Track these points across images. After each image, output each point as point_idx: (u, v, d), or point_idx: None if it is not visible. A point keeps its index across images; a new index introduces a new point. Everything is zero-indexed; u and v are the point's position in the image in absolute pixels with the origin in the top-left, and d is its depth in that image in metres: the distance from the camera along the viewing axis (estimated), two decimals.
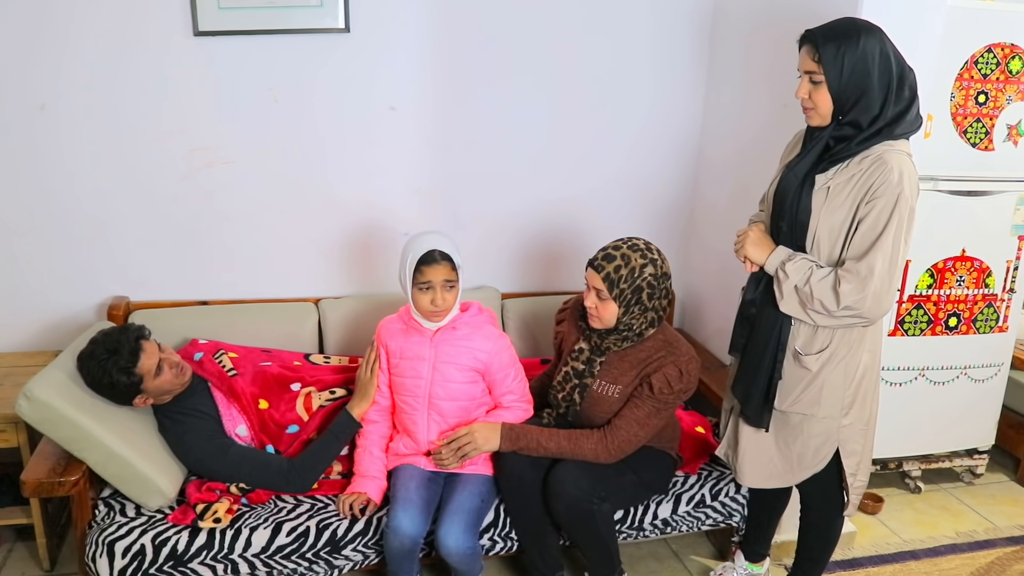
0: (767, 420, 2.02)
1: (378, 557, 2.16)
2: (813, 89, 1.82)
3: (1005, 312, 2.89)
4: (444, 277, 2.09)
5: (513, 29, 2.77)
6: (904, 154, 1.80)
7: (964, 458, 3.10)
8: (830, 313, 1.83)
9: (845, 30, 1.78)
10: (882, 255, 1.77)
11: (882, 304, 1.81)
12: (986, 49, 2.57)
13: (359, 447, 2.25)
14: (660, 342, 2.14)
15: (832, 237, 1.85)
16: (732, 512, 2.41)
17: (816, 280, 1.83)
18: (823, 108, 1.82)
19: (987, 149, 2.68)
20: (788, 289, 1.88)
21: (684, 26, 2.91)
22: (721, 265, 2.93)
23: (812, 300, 1.84)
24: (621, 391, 2.14)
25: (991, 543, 2.76)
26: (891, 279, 1.80)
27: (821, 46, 1.77)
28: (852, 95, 1.78)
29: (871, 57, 1.75)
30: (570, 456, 2.12)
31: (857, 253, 1.81)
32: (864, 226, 1.80)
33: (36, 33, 2.44)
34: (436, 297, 2.09)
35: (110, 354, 2.07)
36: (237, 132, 2.66)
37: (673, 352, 2.12)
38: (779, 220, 1.94)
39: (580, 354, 2.20)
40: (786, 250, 1.91)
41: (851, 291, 1.79)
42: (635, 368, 2.12)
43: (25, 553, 2.48)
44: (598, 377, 2.16)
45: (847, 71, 1.76)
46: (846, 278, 1.80)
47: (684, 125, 3.03)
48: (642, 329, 2.09)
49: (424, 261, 2.07)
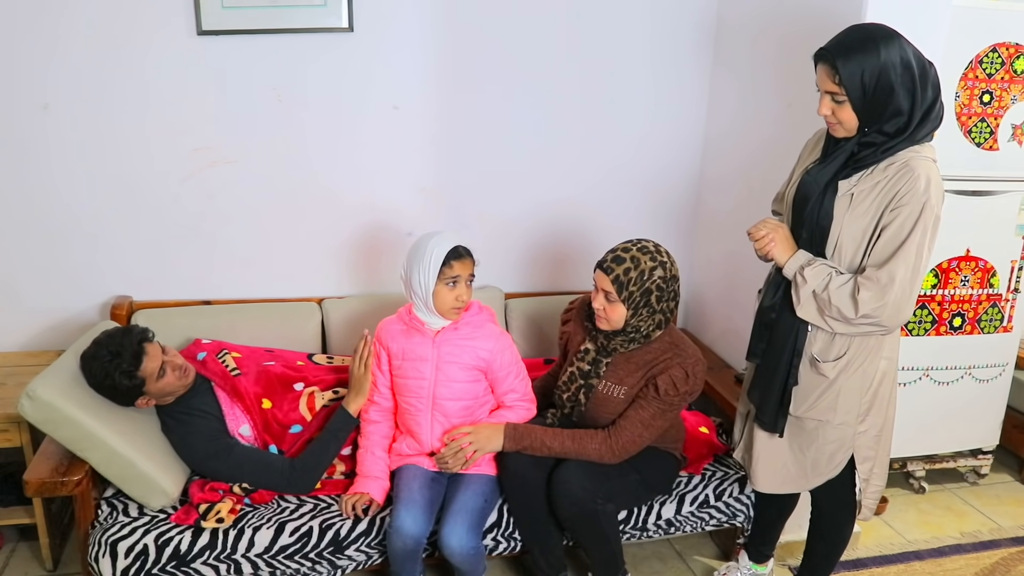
0: (782, 425, 2.01)
1: (381, 557, 2.16)
2: (836, 107, 1.77)
3: (1009, 312, 2.88)
4: (470, 272, 2.13)
5: (517, 29, 2.77)
6: (930, 160, 1.77)
7: (968, 458, 3.10)
8: (848, 321, 1.81)
9: (862, 44, 1.71)
10: (904, 263, 1.74)
11: (902, 313, 1.78)
12: (991, 49, 2.57)
13: (361, 448, 2.25)
14: (667, 344, 2.13)
15: (855, 244, 1.82)
16: (736, 512, 2.40)
17: (835, 287, 1.81)
18: (849, 124, 1.78)
19: (992, 149, 2.67)
20: (806, 294, 1.85)
21: (688, 25, 2.90)
22: (726, 266, 2.93)
23: (830, 307, 1.81)
24: (627, 392, 2.13)
25: (996, 543, 2.75)
26: (912, 288, 1.77)
27: (841, 66, 1.71)
28: (878, 109, 1.73)
29: (892, 68, 1.69)
30: (574, 456, 2.11)
31: (879, 260, 1.78)
32: (888, 233, 1.76)
33: (39, 32, 2.44)
34: (462, 293, 2.11)
35: (113, 356, 2.07)
36: (240, 132, 2.66)
37: (680, 354, 2.11)
38: (799, 227, 1.91)
39: (586, 355, 2.20)
40: (806, 254, 1.88)
41: (870, 299, 1.76)
42: (641, 369, 2.12)
43: (28, 553, 2.48)
44: (604, 378, 2.16)
45: (870, 88, 1.71)
46: (866, 286, 1.77)
47: (689, 125, 3.03)
48: (649, 331, 2.09)
49: (454, 256, 2.09)
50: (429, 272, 2.08)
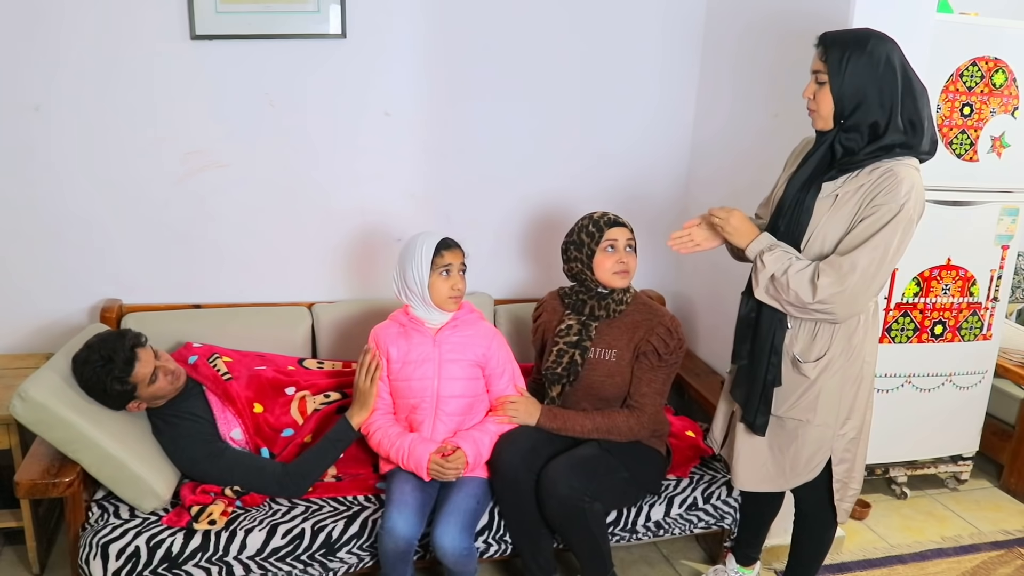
0: (763, 425, 2.04)
1: (372, 560, 2.17)
2: (818, 89, 1.85)
3: (989, 320, 2.94)
4: (461, 261, 2.20)
5: (507, 36, 2.80)
6: (913, 168, 1.83)
7: (949, 464, 3.15)
8: (804, 306, 1.85)
9: (856, 36, 1.82)
10: (869, 254, 1.79)
11: (857, 303, 1.83)
12: (971, 62, 2.63)
13: (382, 439, 2.19)
14: (640, 306, 2.31)
15: (831, 243, 1.87)
16: (724, 515, 2.43)
17: (794, 272, 1.85)
18: (824, 110, 1.85)
19: (972, 160, 2.74)
20: (764, 278, 1.90)
21: (677, 35, 2.95)
22: (713, 272, 2.96)
23: (788, 291, 1.86)
24: (617, 355, 2.25)
25: (976, 547, 2.80)
26: (873, 281, 1.81)
27: (829, 47, 1.81)
28: (851, 99, 1.81)
29: (876, 64, 1.78)
30: (605, 432, 2.23)
31: (844, 249, 1.83)
32: (861, 226, 1.81)
33: (31, 34, 2.45)
34: (456, 282, 2.17)
35: (105, 361, 2.06)
36: (232, 136, 2.67)
37: (654, 313, 2.29)
38: (778, 220, 1.96)
39: (569, 330, 2.29)
40: (769, 238, 1.93)
41: (829, 284, 1.81)
42: (626, 333, 2.26)
43: (14, 557, 2.46)
44: (594, 343, 2.26)
45: (849, 74, 1.79)
46: (826, 272, 1.81)
47: (676, 132, 3.07)
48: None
49: (444, 246, 2.17)
50: (422, 265, 2.13)
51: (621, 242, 2.24)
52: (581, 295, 2.30)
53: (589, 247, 2.24)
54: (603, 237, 2.22)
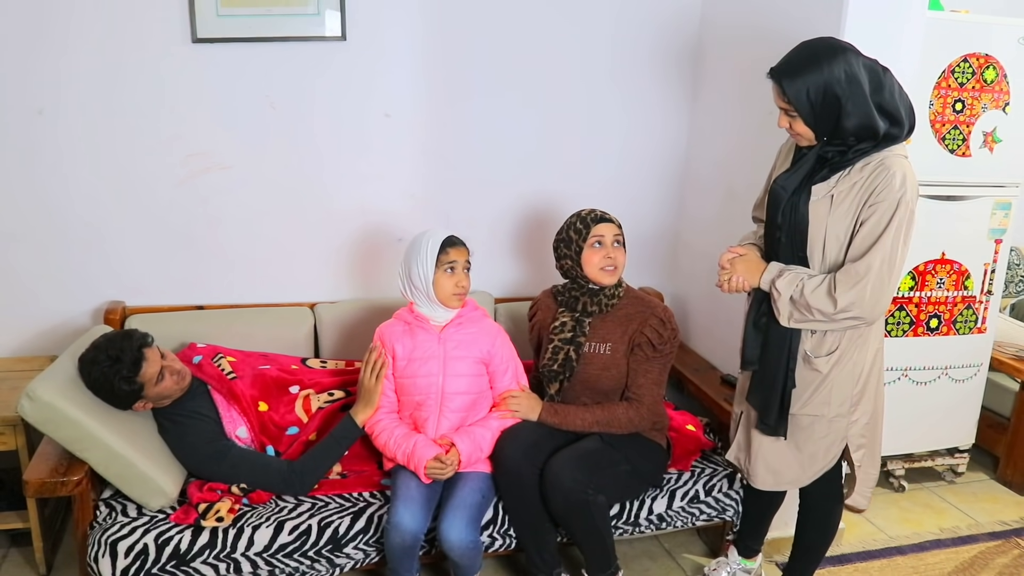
0: (784, 428, 2.05)
1: (379, 555, 2.18)
2: (791, 120, 1.87)
3: (983, 314, 2.97)
4: (465, 258, 2.22)
5: (506, 39, 2.83)
6: (903, 157, 1.85)
7: (946, 457, 3.18)
8: (830, 318, 1.87)
9: (806, 62, 1.79)
10: (880, 255, 1.81)
11: (880, 303, 1.84)
12: (962, 59, 2.67)
13: (388, 440, 2.21)
14: (632, 299, 2.33)
15: (838, 244, 1.89)
16: (726, 507, 2.46)
17: (809, 290, 1.87)
18: (806, 135, 1.87)
19: (964, 155, 2.77)
20: (784, 304, 1.91)
21: (672, 36, 2.98)
22: (709, 271, 2.97)
23: (810, 310, 1.87)
24: (612, 348, 2.28)
25: (974, 538, 2.83)
26: (889, 279, 1.83)
27: (787, 85, 1.80)
28: (829, 122, 1.81)
29: (838, 83, 1.77)
30: (605, 424, 2.26)
31: (856, 255, 1.85)
32: (865, 229, 1.83)
33: (35, 37, 2.47)
34: (461, 279, 2.20)
35: (112, 361, 2.08)
36: (234, 138, 2.69)
37: (647, 305, 2.31)
38: (776, 231, 1.97)
39: (564, 327, 2.31)
40: (777, 266, 1.95)
41: (848, 292, 1.82)
42: (620, 326, 2.29)
43: (20, 559, 2.47)
44: (589, 337, 2.28)
45: (817, 103, 1.79)
46: (842, 281, 1.83)
47: (672, 132, 3.10)
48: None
49: (448, 243, 2.20)
50: (427, 262, 2.16)
51: (608, 238, 2.26)
52: (573, 292, 2.32)
53: (577, 244, 2.26)
54: (590, 233, 2.25)
